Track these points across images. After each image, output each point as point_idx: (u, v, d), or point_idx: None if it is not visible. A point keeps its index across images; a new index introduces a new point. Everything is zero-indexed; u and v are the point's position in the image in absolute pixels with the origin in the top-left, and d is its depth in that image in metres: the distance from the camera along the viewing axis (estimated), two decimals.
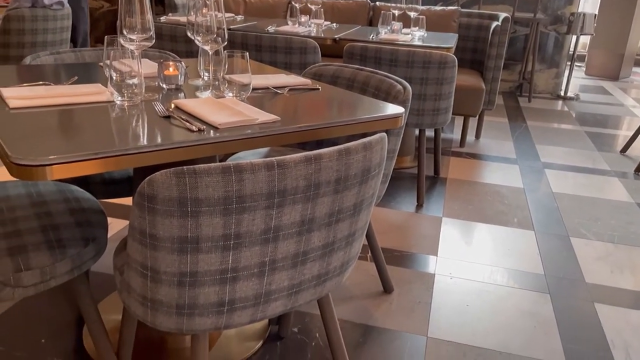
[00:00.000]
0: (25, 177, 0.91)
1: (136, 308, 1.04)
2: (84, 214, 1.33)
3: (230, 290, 0.99)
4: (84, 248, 1.23)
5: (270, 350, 1.56)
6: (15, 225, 1.23)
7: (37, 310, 1.67)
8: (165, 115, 1.19)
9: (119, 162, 1.01)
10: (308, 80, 1.62)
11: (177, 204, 0.89)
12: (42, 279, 1.15)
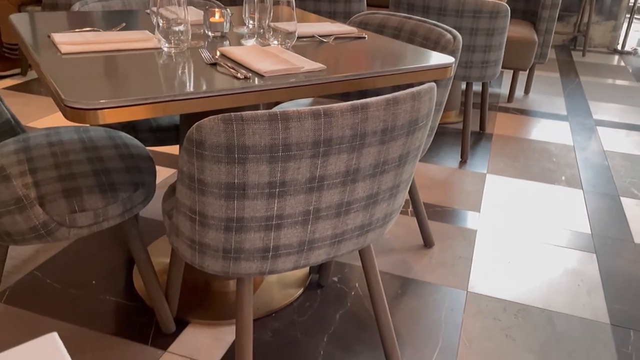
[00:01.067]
0: (78, 120, 0.93)
1: (184, 251, 1.07)
2: (133, 159, 1.37)
3: (275, 237, 1.01)
4: (134, 192, 1.27)
5: (311, 298, 1.60)
6: (69, 168, 1.27)
7: (89, 251, 1.75)
8: (211, 62, 1.19)
9: (167, 108, 1.02)
10: (354, 29, 1.58)
11: (225, 150, 0.89)
12: (96, 221, 1.20)
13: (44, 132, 1.47)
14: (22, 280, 1.59)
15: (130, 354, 1.35)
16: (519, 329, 1.53)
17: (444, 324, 1.52)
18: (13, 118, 1.49)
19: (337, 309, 1.56)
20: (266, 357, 1.37)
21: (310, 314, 1.53)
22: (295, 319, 1.51)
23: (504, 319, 1.56)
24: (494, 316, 1.57)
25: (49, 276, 1.62)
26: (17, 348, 0.38)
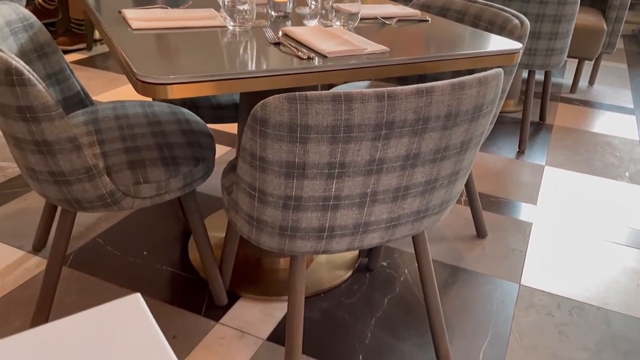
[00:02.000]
0: (148, 94, 0.96)
1: (242, 226, 1.10)
2: (194, 135, 1.40)
3: (331, 217, 1.02)
4: (195, 167, 1.30)
5: (359, 281, 1.61)
6: (134, 141, 1.32)
7: (147, 222, 1.82)
8: (274, 42, 1.20)
9: (231, 86, 1.04)
10: (417, 11, 1.55)
11: (287, 129, 0.90)
12: (158, 192, 1.25)
13: (110, 105, 1.53)
14: (85, 246, 1.67)
15: (185, 323, 1.41)
16: (573, 326, 1.48)
17: (494, 316, 1.50)
18: (82, 90, 1.55)
19: (385, 293, 1.56)
20: (314, 336, 1.40)
21: (359, 297, 1.54)
22: (344, 301, 1.53)
23: (558, 315, 1.52)
24: (547, 311, 1.53)
25: (110, 243, 1.70)
26: (103, 306, 0.41)
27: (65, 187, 1.15)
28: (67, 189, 1.15)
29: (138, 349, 0.36)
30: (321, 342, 1.38)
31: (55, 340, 0.36)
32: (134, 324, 0.38)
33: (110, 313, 0.39)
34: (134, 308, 0.40)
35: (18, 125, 1.07)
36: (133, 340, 0.37)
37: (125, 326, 0.38)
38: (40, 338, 0.37)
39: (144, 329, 0.38)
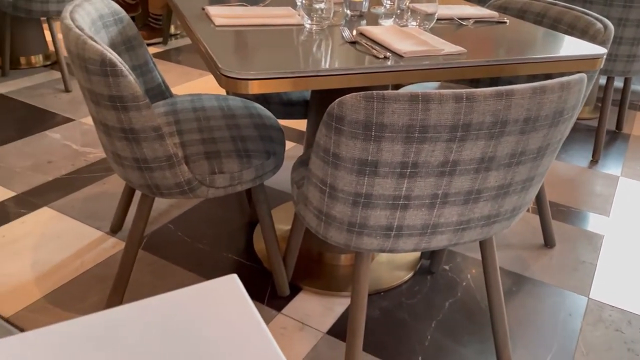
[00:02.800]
0: (230, 88, 1.00)
1: (311, 220, 1.13)
2: (266, 129, 1.45)
3: (400, 217, 1.03)
4: (266, 160, 1.34)
5: (420, 283, 1.60)
6: (211, 133, 1.38)
7: (215, 211, 1.89)
8: (350, 41, 1.21)
9: (309, 83, 1.06)
10: (494, 13, 1.52)
11: (363, 127, 0.92)
12: (231, 183, 1.30)
13: (188, 97, 1.60)
14: (158, 231, 1.76)
15: None
16: None
17: (560, 328, 1.45)
18: (163, 83, 1.63)
19: (446, 297, 1.55)
20: (374, 333, 1.41)
21: (419, 298, 1.54)
22: (404, 301, 1.53)
23: (628, 331, 1.46)
24: (616, 327, 1.47)
25: (180, 230, 1.77)
26: (201, 284, 0.44)
27: (148, 173, 1.22)
28: (149, 175, 1.22)
29: (236, 325, 0.39)
30: (380, 340, 1.39)
31: (158, 313, 0.40)
32: (231, 302, 0.41)
33: (210, 291, 0.42)
34: (230, 287, 0.43)
35: (109, 113, 1.14)
36: (231, 317, 0.40)
37: (224, 303, 0.41)
38: (146, 310, 0.40)
39: (241, 307, 0.41)
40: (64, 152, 2.21)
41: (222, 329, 0.38)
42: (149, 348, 0.36)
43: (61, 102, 2.67)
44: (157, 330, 0.38)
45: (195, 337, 0.38)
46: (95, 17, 1.36)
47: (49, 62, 3.16)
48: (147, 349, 0.36)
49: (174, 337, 0.37)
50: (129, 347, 0.36)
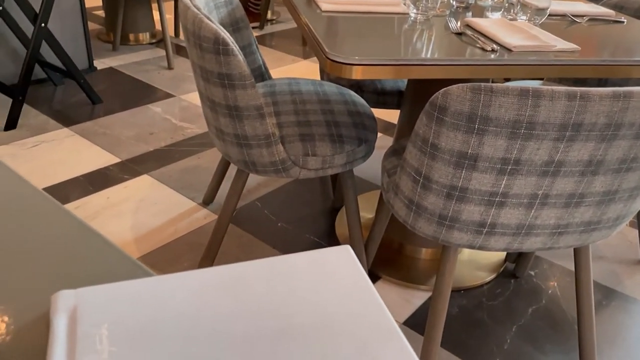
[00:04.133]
0: (335, 72, 1.02)
1: (400, 209, 1.13)
2: (359, 116, 1.46)
3: (495, 214, 1.01)
4: (358, 147, 1.36)
5: (502, 286, 1.56)
6: (306, 116, 1.41)
7: (300, 193, 1.93)
8: (456, 32, 1.19)
9: (411, 71, 1.06)
10: (611, 11, 1.44)
11: (466, 119, 0.91)
12: (322, 166, 1.33)
13: (286, 80, 1.65)
14: (246, 207, 1.83)
15: None
16: None
17: None
18: (263, 65, 1.69)
19: (529, 302, 1.50)
20: (451, 330, 1.39)
21: (501, 301, 1.50)
22: (484, 302, 1.49)
23: None
24: None
25: (267, 207, 1.84)
26: (318, 251, 0.46)
27: (246, 149, 1.27)
28: (248, 151, 1.27)
29: (350, 293, 0.41)
30: (457, 338, 1.37)
31: (282, 272, 0.42)
32: (346, 270, 0.43)
33: (323, 258, 0.45)
34: (344, 257, 0.44)
35: (216, 90, 1.20)
36: (345, 284, 0.42)
37: (339, 271, 0.43)
38: (271, 268, 0.43)
39: (354, 276, 0.42)
40: (164, 125, 2.35)
41: (338, 295, 0.40)
42: (273, 303, 0.39)
43: (164, 79, 2.83)
44: (282, 288, 0.40)
45: (313, 298, 0.40)
46: None
47: (154, 40, 3.36)
48: (272, 304, 0.39)
49: (294, 296, 0.40)
50: (257, 299, 0.39)
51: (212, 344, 0.35)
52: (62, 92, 2.60)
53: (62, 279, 0.40)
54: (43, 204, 0.47)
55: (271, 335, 0.36)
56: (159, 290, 0.39)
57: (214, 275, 0.41)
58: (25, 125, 2.25)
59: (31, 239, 0.44)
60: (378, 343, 0.36)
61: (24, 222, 0.45)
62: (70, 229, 0.45)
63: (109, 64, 2.98)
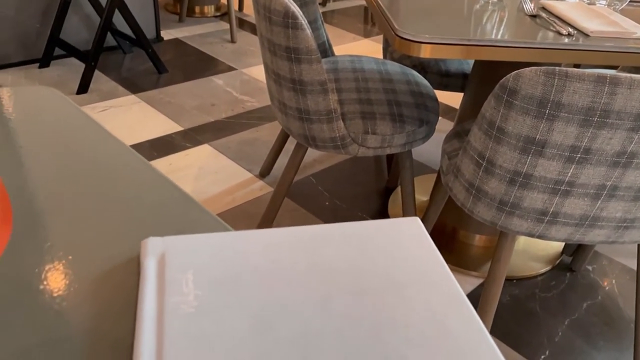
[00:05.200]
0: (403, 50, 1.02)
1: (459, 192, 1.12)
2: (421, 97, 1.45)
3: (558, 203, 0.98)
4: (418, 128, 1.35)
5: (557, 278, 1.53)
6: (367, 94, 1.41)
7: (355, 172, 1.94)
8: (531, 14, 1.16)
9: (480, 52, 1.04)
10: None
11: (537, 103, 0.89)
12: (381, 145, 1.33)
13: (348, 58, 1.65)
14: (301, 181, 1.86)
15: None
16: None
17: None
18: (327, 41, 1.69)
19: (584, 297, 1.46)
20: (502, 318, 1.38)
21: (555, 294, 1.47)
22: (537, 293, 1.47)
23: None
24: None
25: (321, 184, 1.86)
26: (387, 220, 0.47)
27: (307, 124, 1.29)
28: (308, 126, 1.29)
29: (419, 262, 0.42)
30: (508, 327, 1.36)
31: (353, 237, 0.44)
32: (415, 240, 0.44)
33: (392, 226, 0.46)
34: (414, 228, 0.45)
35: (282, 63, 1.22)
36: (415, 254, 0.43)
37: (409, 241, 0.44)
38: (343, 232, 0.44)
39: (424, 246, 0.43)
40: (226, 97, 2.40)
41: (408, 262, 0.41)
42: (345, 264, 0.41)
43: (226, 52, 2.89)
44: (353, 251, 0.42)
45: (383, 263, 0.41)
46: None
47: (219, 13, 3.41)
48: (344, 265, 0.40)
49: (365, 260, 0.41)
50: (329, 259, 0.41)
51: (287, 296, 0.37)
52: (130, 60, 2.70)
53: (150, 228, 0.43)
54: (133, 159, 0.51)
55: (343, 292, 0.38)
56: (238, 243, 0.41)
57: (289, 234, 0.43)
58: (96, 90, 2.36)
59: (123, 190, 0.47)
60: (447, 310, 0.37)
61: (116, 175, 0.49)
62: (157, 183, 0.48)
63: (175, 35, 3.06)
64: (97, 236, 0.42)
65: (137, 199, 0.46)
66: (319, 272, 0.40)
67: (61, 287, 0.38)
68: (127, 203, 0.45)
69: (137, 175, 0.49)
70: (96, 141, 0.53)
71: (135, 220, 0.44)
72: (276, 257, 0.40)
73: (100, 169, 0.49)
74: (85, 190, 0.46)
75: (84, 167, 0.49)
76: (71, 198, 0.46)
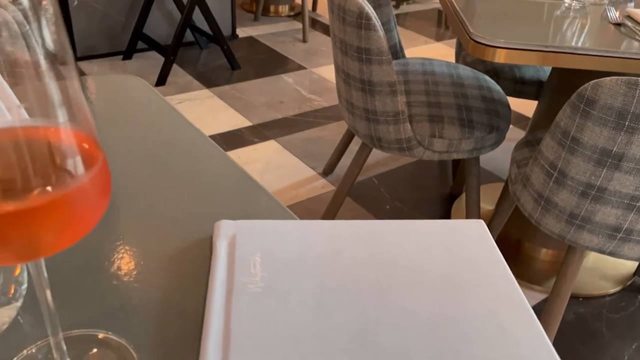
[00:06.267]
0: (477, 54, 1.00)
1: (526, 202, 1.09)
2: (493, 103, 1.42)
3: (634, 220, 0.94)
4: (488, 134, 1.32)
5: (627, 300, 1.45)
6: (437, 97, 1.40)
7: (417, 176, 1.93)
8: (615, 22, 1.11)
9: (558, 60, 1.01)
10: None
11: (616, 114, 0.85)
12: (448, 149, 1.31)
13: (419, 60, 1.64)
14: (363, 182, 1.87)
15: None
16: None
17: None
18: (399, 43, 1.69)
19: None
20: (565, 336, 1.33)
21: (623, 315, 1.40)
22: (604, 313, 1.40)
23: None
24: None
25: (383, 185, 1.86)
26: (451, 221, 0.47)
27: (374, 125, 1.30)
28: (375, 127, 1.30)
29: (481, 263, 0.42)
30: (571, 345, 1.31)
31: (414, 234, 0.44)
32: (478, 242, 0.44)
33: (458, 227, 0.46)
34: (479, 230, 0.45)
35: (353, 63, 1.23)
36: (476, 254, 0.43)
37: (471, 241, 0.44)
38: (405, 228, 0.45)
39: (487, 248, 0.43)
40: (294, 95, 2.45)
41: (469, 262, 0.42)
42: (405, 259, 0.41)
43: (297, 51, 2.94)
44: (414, 247, 0.43)
45: (444, 261, 0.41)
46: None
47: (292, 13, 3.48)
48: (404, 260, 0.41)
49: (426, 256, 0.42)
50: (390, 252, 0.42)
51: (347, 285, 0.38)
52: (206, 55, 2.81)
53: (222, 211, 0.46)
54: (211, 148, 0.54)
55: (401, 285, 0.39)
56: (303, 232, 0.43)
57: (352, 226, 0.44)
58: (173, 83, 2.47)
59: (200, 175, 0.50)
60: (507, 312, 0.37)
61: (194, 160, 0.52)
62: (231, 171, 0.51)
63: (250, 33, 3.15)
64: (174, 215, 0.45)
65: (212, 184, 0.49)
66: (379, 264, 0.41)
67: (140, 259, 0.41)
68: (203, 187, 0.48)
69: (214, 162, 0.52)
70: (177, 129, 0.56)
71: (209, 203, 0.47)
72: (339, 247, 0.42)
73: (180, 154, 0.52)
74: (166, 173, 0.50)
75: (165, 151, 0.53)
76: (153, 179, 0.49)
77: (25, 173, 0.22)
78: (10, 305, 0.34)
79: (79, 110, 0.23)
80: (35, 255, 0.24)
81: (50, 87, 0.22)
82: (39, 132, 0.22)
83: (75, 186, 0.22)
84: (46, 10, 0.21)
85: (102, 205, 0.24)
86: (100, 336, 0.35)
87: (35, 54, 0.21)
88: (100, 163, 0.24)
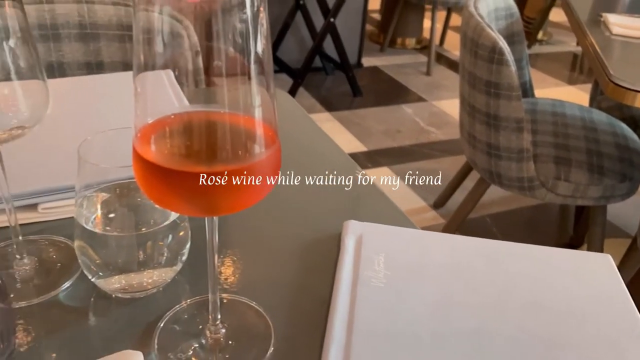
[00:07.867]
0: (616, 97, 0.96)
1: None
2: (628, 151, 1.33)
3: None
4: (619, 183, 1.24)
5: None
6: (565, 139, 1.35)
7: (534, 221, 1.84)
8: None
9: None
10: None
11: None
12: (573, 194, 1.25)
13: (550, 101, 1.59)
14: (475, 219, 1.83)
15: None
16: None
17: None
18: (529, 82, 1.65)
19: None
20: None
21: None
22: None
23: None
24: None
25: (497, 225, 1.80)
26: (575, 251, 0.47)
27: (495, 160, 1.28)
28: (496, 162, 1.28)
29: (605, 296, 0.41)
30: None
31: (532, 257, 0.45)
32: (603, 275, 0.43)
33: (583, 259, 0.45)
34: (606, 264, 0.44)
35: (480, 96, 1.23)
36: (601, 288, 0.42)
37: (596, 274, 0.43)
38: (522, 250, 0.45)
39: (613, 282, 0.42)
40: (412, 126, 2.47)
41: (593, 294, 0.41)
42: (524, 282, 0.42)
43: (420, 83, 2.96)
44: (535, 272, 0.43)
45: (566, 289, 0.41)
46: (492, 8, 1.47)
47: (419, 46, 3.52)
48: (523, 282, 0.42)
49: (547, 282, 0.42)
50: (509, 273, 0.42)
51: (465, 296, 0.40)
52: (331, 81, 2.93)
53: (351, 213, 0.50)
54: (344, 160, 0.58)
55: (521, 304, 0.39)
56: (426, 241, 0.45)
57: (476, 243, 0.45)
58: None
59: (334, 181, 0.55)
60: (629, 345, 0.36)
61: (330, 169, 0.56)
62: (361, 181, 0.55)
63: (374, 62, 3.24)
64: (309, 213, 0.50)
65: (343, 190, 0.53)
66: (500, 282, 0.42)
67: (279, 245, 0.46)
68: (335, 191, 0.53)
69: (346, 172, 0.56)
70: (318, 141, 0.62)
71: (340, 205, 0.51)
72: (460, 260, 0.43)
73: (318, 162, 0.57)
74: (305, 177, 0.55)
75: (306, 159, 0.58)
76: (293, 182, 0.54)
77: (226, 145, 0.27)
78: (173, 267, 0.40)
79: (266, 106, 0.29)
80: (217, 211, 0.29)
81: (253, 85, 0.27)
82: (238, 118, 0.28)
83: (257, 160, 0.28)
84: (262, 24, 0.26)
85: (273, 180, 0.29)
86: (244, 302, 0.40)
87: (249, 58, 0.27)
88: (276, 147, 0.29)
